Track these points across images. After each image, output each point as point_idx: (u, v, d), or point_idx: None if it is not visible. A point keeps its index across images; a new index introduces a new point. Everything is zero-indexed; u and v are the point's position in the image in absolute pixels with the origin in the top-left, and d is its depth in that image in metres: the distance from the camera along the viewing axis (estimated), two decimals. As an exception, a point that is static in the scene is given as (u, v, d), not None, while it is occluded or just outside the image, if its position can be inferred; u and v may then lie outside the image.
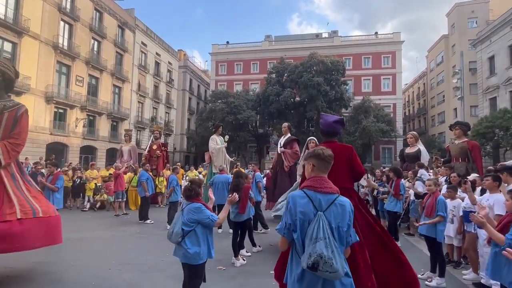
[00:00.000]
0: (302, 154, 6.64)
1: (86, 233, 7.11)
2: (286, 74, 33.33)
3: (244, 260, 4.85)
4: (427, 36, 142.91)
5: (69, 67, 24.28)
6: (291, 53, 40.52)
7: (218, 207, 6.59)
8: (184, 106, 43.18)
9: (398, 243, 6.10)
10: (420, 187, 6.55)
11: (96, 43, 27.35)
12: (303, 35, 49.24)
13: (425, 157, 7.81)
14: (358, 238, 1.93)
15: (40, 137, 21.17)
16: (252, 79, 43.21)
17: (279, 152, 7.77)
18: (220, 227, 6.86)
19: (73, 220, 8.32)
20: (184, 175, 13.28)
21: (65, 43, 23.77)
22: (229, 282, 4.14)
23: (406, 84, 53.54)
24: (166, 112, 39.26)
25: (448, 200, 4.51)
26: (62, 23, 23.62)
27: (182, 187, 10.15)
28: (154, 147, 12.16)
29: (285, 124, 8.00)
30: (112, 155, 28.02)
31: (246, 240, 5.40)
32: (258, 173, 8.12)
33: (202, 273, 3.03)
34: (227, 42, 46.22)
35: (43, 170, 9.77)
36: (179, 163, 16.75)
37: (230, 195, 3.49)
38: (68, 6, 24.15)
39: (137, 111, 33.25)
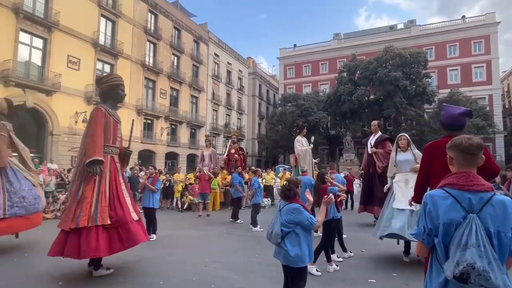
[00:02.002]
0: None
1: (178, 231, 7.67)
2: (358, 72, 31.70)
3: (337, 266, 4.60)
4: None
5: (154, 82, 27.05)
6: (362, 50, 38.42)
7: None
8: (255, 112, 44.37)
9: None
10: None
11: (175, 58, 29.97)
12: (375, 29, 46.35)
13: None
14: None
15: (134, 146, 23.92)
16: (321, 80, 42.25)
17: (369, 152, 7.27)
18: (317, 231, 6.71)
19: (165, 219, 9.07)
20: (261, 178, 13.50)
21: (151, 61, 26.58)
22: None
23: (504, 71, 46.01)
24: (238, 118, 40.87)
25: None
26: (148, 43, 26.52)
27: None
28: (232, 151, 12.68)
29: (374, 122, 7.44)
30: (191, 160, 30.25)
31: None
32: (337, 174, 7.74)
33: (305, 276, 2.92)
34: (295, 45, 46.12)
35: (142, 173, 10.94)
36: (253, 167, 17.12)
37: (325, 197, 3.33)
38: (152, 28, 27.01)
39: (212, 119, 35.32)
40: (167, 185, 12.03)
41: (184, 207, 11.43)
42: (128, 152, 4.86)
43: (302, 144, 8.43)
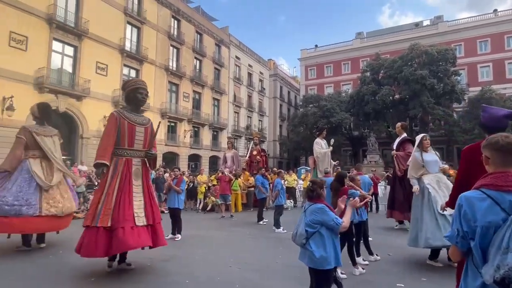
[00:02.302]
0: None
1: (202, 231, 7.79)
2: (382, 71, 30.95)
3: (363, 269, 4.49)
4: None
5: (178, 86, 27.68)
6: (386, 48, 37.50)
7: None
8: (276, 113, 44.32)
9: None
10: None
11: (198, 62, 30.55)
12: (399, 26, 45.07)
13: None
14: None
15: (158, 148, 24.52)
16: (343, 80, 41.58)
17: (392, 154, 7.14)
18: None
19: (190, 220, 9.24)
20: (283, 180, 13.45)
21: (174, 65, 27.24)
22: (351, 291, 3.87)
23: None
24: (259, 120, 40.98)
25: None
26: (171, 48, 27.21)
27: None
28: (254, 152, 12.74)
29: (398, 124, 7.23)
30: (213, 162, 30.63)
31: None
32: (363, 176, 7.59)
33: (330, 279, 2.88)
34: (316, 46, 45.69)
35: (166, 175, 11.23)
36: (275, 168, 17.08)
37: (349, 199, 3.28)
38: (175, 33, 27.68)
39: (233, 121, 35.64)
40: (190, 186, 12.24)
41: (208, 208, 11.58)
42: (149, 154, 4.74)
43: (321, 147, 8.37)
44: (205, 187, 12.10)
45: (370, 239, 5.84)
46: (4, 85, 15.67)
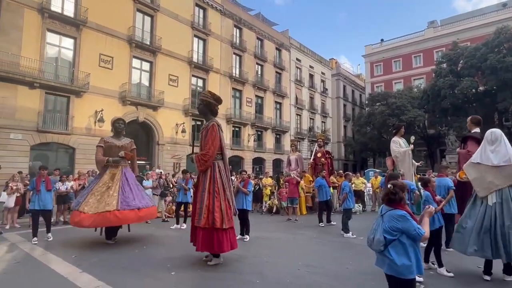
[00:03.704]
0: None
1: (269, 233, 7.90)
2: (462, 61, 27.63)
3: (448, 271, 4.07)
4: None
5: (241, 92, 28.66)
6: (465, 35, 33.56)
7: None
8: (339, 114, 42.83)
9: None
10: None
11: (259, 67, 31.22)
12: (481, 9, 39.84)
13: None
14: None
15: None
16: (414, 74, 38.26)
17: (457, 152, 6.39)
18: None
19: (256, 222, 9.43)
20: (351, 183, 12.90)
21: (237, 72, 28.28)
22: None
23: None
24: (322, 122, 40.05)
25: None
26: (234, 56, 28.33)
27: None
28: (319, 155, 12.48)
29: (468, 119, 6.32)
30: (276, 165, 30.84)
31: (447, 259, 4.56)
32: (441, 178, 6.82)
33: (413, 289, 2.67)
34: (382, 40, 43.00)
35: (232, 177, 11.69)
36: (340, 171, 16.46)
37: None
38: (238, 41, 28.77)
39: (296, 123, 35.45)
40: (256, 189, 12.53)
41: (274, 211, 11.70)
42: (190, 157, 5.40)
43: (399, 145, 7.70)
44: (270, 190, 12.27)
45: (450, 249, 5.27)
46: (96, 100, 18.12)
